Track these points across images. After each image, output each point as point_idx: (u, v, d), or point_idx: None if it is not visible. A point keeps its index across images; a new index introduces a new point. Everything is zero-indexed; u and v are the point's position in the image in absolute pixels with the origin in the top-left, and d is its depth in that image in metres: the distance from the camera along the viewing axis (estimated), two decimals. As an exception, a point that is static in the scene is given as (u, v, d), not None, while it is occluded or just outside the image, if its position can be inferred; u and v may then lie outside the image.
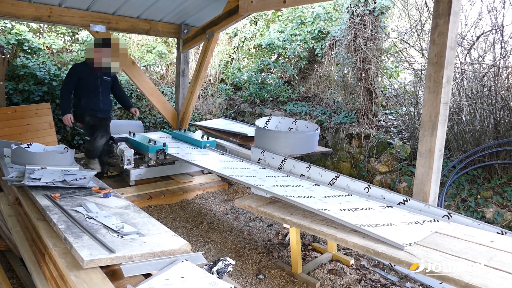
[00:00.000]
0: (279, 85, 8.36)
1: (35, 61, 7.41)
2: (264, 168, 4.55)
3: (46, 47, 8.12)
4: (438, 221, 3.00)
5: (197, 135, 6.16)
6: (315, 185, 3.88)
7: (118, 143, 5.21)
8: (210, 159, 4.99)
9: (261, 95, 8.41)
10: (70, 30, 8.60)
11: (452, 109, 4.94)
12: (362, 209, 3.19)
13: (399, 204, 3.34)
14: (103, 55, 4.64)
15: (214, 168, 4.49)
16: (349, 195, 3.58)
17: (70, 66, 6.29)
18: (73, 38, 8.76)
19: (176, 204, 5.09)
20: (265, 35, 8.91)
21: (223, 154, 5.30)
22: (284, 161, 4.54)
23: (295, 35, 8.06)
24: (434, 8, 3.31)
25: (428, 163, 3.39)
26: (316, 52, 7.69)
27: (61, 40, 8.57)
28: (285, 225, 3.43)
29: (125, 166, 4.98)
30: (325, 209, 3.04)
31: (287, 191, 3.55)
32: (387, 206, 3.30)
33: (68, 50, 8.61)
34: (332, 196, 3.50)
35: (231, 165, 4.63)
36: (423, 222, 2.95)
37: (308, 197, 3.41)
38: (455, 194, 4.56)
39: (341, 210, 3.10)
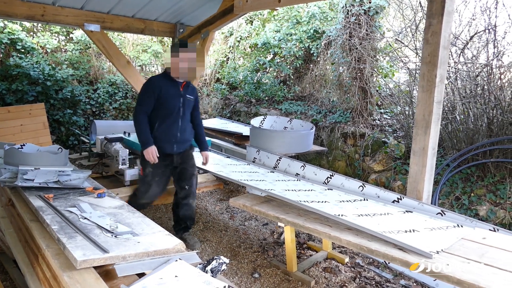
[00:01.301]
0: (275, 85, 8.36)
1: (28, 61, 7.38)
2: (273, 172, 4.43)
3: (40, 46, 8.08)
4: (462, 226, 2.86)
5: (192, 134, 6.14)
6: (328, 189, 3.74)
7: (113, 143, 5.20)
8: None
9: (256, 94, 8.41)
10: (64, 30, 8.57)
11: (446, 108, 4.97)
12: (381, 214, 3.06)
13: (393, 202, 3.35)
14: (188, 60, 3.42)
15: (213, 170, 4.49)
16: (365, 199, 3.44)
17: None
18: (68, 37, 8.72)
19: (171, 204, 5.06)
20: (260, 35, 8.91)
21: (217, 152, 5.30)
22: (279, 160, 4.54)
23: (291, 35, 8.06)
24: (428, 8, 3.33)
25: (421, 161, 3.41)
26: (311, 52, 7.70)
27: (55, 39, 8.54)
28: (279, 224, 3.43)
29: (120, 166, 4.97)
30: (342, 215, 2.93)
31: (300, 196, 3.42)
32: (406, 211, 3.17)
33: (63, 50, 8.58)
34: (348, 201, 3.37)
35: (236, 169, 4.55)
36: (446, 228, 2.83)
37: (322, 202, 3.29)
38: (449, 192, 4.58)
39: (359, 215, 2.98)
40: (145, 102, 3.46)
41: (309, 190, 3.69)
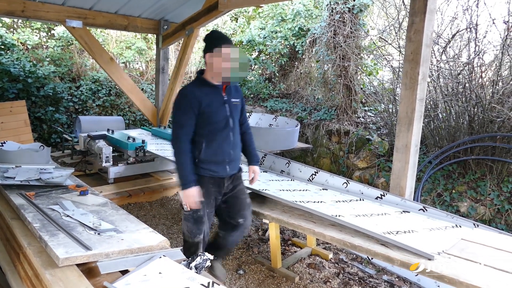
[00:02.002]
0: (260, 82, 8.37)
1: (9, 57, 7.23)
2: (266, 172, 4.32)
3: (21, 43, 7.93)
4: (460, 226, 2.82)
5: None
6: (323, 189, 3.67)
7: (96, 141, 5.14)
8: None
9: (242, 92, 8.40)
10: (45, 26, 8.41)
11: (428, 106, 5.05)
12: (378, 214, 3.00)
13: (376, 198, 3.39)
14: (235, 56, 2.60)
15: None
16: (361, 199, 3.36)
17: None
18: (49, 34, 8.57)
19: (156, 202, 5.05)
20: (245, 32, 8.91)
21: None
22: (264, 157, 4.55)
23: (276, 32, 8.08)
24: (411, 6, 3.37)
25: (404, 158, 3.45)
26: (296, 49, 7.73)
27: (36, 35, 8.38)
28: (264, 220, 3.45)
29: (104, 164, 4.91)
30: (339, 215, 2.87)
31: (295, 196, 3.35)
32: (403, 211, 3.12)
33: (44, 46, 8.43)
34: (344, 201, 3.31)
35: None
36: (445, 228, 2.79)
37: (318, 202, 3.24)
38: (431, 189, 4.66)
39: (356, 216, 2.92)
40: (186, 123, 2.65)
41: (303, 190, 3.62)
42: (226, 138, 2.76)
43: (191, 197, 2.64)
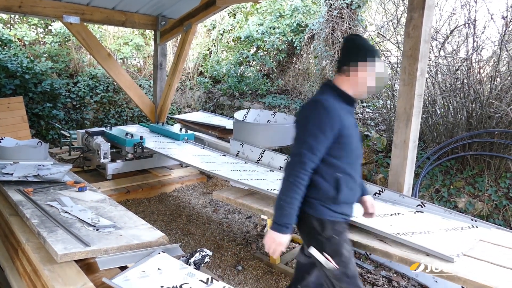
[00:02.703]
0: (258, 78, 8.36)
1: (6, 53, 7.19)
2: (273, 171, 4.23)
3: (18, 39, 7.88)
4: (477, 227, 2.75)
5: (176, 128, 6.11)
6: None
7: (94, 137, 5.12)
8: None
9: (240, 88, 8.39)
10: (42, 22, 8.36)
11: (426, 102, 5.04)
12: (391, 214, 2.93)
13: (374, 194, 3.40)
14: (382, 73, 2.08)
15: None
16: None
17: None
18: (46, 29, 8.52)
19: (154, 198, 5.05)
20: (243, 28, 8.89)
21: (201, 147, 5.28)
22: (263, 153, 4.55)
23: (274, 28, 8.06)
24: (409, 2, 3.36)
25: (402, 154, 3.46)
26: (294, 45, 7.71)
27: (34, 31, 8.33)
28: (263, 217, 3.45)
29: (102, 160, 4.90)
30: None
31: None
32: (417, 211, 3.06)
33: (41, 42, 8.38)
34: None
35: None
36: (461, 229, 2.71)
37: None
38: (429, 185, 4.67)
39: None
40: (318, 147, 1.94)
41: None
42: (358, 171, 2.16)
43: (280, 245, 1.94)
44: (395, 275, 3.44)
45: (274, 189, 3.38)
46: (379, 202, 3.26)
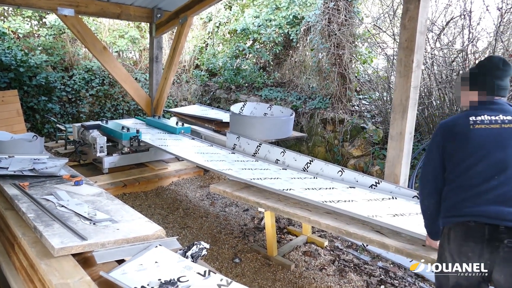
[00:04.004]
0: (254, 71, 8.32)
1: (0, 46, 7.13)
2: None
3: (12, 31, 7.80)
4: None
5: (172, 121, 6.09)
6: (351, 187, 3.48)
7: (90, 131, 5.10)
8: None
9: (236, 81, 8.36)
10: (37, 14, 8.28)
11: (422, 94, 5.04)
12: (417, 214, 2.82)
13: (370, 186, 3.41)
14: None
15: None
16: (393, 198, 3.19)
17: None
18: (41, 22, 8.44)
19: (151, 191, 5.05)
20: (239, 20, 8.83)
21: (194, 139, 5.27)
22: (259, 146, 4.55)
23: (270, 20, 8.01)
24: (405, -7, 3.35)
25: (399, 145, 3.47)
26: (291, 38, 7.67)
27: (28, 24, 8.25)
28: (260, 209, 3.46)
29: (98, 154, 4.89)
30: (375, 215, 2.73)
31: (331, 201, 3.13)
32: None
33: (36, 35, 8.30)
34: (376, 199, 3.16)
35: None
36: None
37: (349, 201, 3.09)
38: (425, 176, 4.69)
39: (394, 215, 2.78)
40: None
41: (330, 188, 3.44)
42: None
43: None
44: (391, 265, 3.46)
45: (290, 189, 3.23)
46: (401, 200, 3.13)
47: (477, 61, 4.80)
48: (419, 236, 2.42)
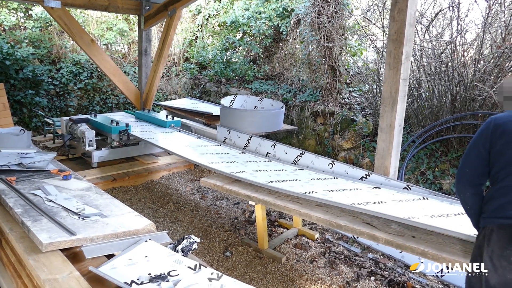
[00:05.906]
0: (245, 64, 8.29)
1: (-15, 39, 7.00)
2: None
3: (-3, 24, 7.67)
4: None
5: (162, 115, 6.05)
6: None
7: (79, 125, 5.05)
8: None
9: (226, 74, 8.32)
10: (22, 6, 8.13)
11: (412, 86, 5.07)
12: (448, 215, 2.70)
13: (361, 179, 3.43)
14: None
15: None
16: (424, 198, 3.05)
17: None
18: (27, 14, 8.29)
19: (141, 185, 5.02)
20: (229, 13, 8.76)
21: (180, 131, 5.24)
22: (250, 139, 4.54)
23: (260, 13, 7.97)
24: (394, -15, 3.34)
25: (388, 138, 3.48)
26: (281, 30, 7.64)
27: (13, 16, 8.10)
28: (251, 202, 3.45)
29: (87, 148, 4.84)
30: (412, 217, 2.59)
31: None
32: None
33: (22, 27, 8.16)
34: (406, 200, 3.02)
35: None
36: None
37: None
38: (415, 168, 4.73)
39: (431, 216, 2.64)
40: None
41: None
42: None
43: None
44: (381, 257, 3.49)
45: (312, 192, 3.04)
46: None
47: (465, 53, 4.83)
48: (459, 235, 2.29)
